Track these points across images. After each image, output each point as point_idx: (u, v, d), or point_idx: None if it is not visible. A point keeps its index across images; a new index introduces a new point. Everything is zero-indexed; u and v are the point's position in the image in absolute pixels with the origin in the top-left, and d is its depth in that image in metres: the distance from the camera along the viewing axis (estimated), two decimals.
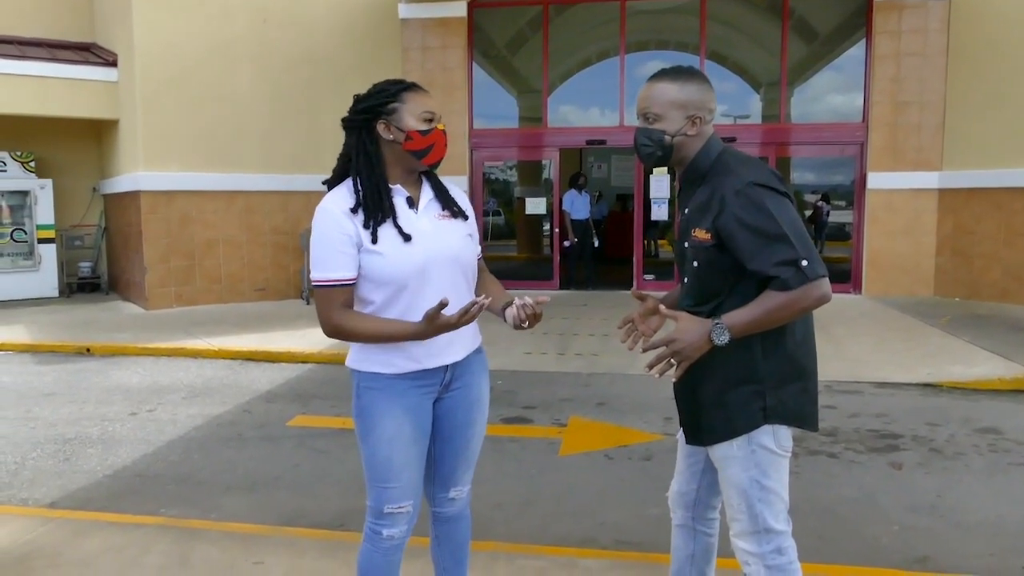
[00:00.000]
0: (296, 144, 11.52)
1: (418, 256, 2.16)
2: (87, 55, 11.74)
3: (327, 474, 4.57)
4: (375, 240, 2.12)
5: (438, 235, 2.23)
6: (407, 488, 2.27)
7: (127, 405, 6.17)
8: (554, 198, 12.51)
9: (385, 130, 2.20)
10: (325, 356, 7.66)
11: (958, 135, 10.65)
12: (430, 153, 2.22)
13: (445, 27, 11.67)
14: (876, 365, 7.00)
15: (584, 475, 4.49)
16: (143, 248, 10.75)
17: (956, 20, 10.64)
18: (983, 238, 10.43)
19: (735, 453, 2.20)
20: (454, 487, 2.43)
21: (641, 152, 2.25)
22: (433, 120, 2.21)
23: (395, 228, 2.15)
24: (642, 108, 2.22)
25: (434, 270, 2.19)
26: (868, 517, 3.86)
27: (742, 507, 2.21)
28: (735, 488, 2.22)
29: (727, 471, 2.23)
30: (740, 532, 2.23)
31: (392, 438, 2.22)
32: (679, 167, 2.29)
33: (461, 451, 2.39)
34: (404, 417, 2.23)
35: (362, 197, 2.16)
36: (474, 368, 2.38)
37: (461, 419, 2.36)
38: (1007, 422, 5.44)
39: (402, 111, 2.19)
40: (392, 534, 2.28)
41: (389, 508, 2.25)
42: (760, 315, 2.04)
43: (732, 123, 12.20)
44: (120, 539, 3.54)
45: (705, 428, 2.25)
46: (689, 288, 2.26)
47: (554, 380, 6.75)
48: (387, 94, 2.21)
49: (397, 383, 2.23)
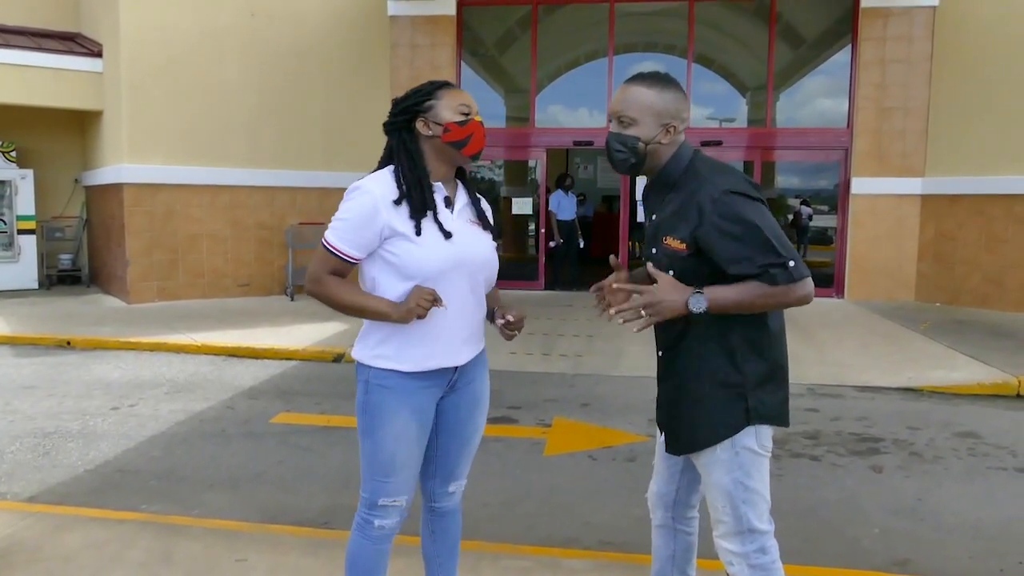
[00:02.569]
0: (283, 139, 11.47)
1: (455, 253, 2.23)
2: (72, 45, 11.63)
3: (311, 471, 4.55)
4: (419, 232, 2.18)
5: (472, 237, 2.31)
6: (404, 484, 2.31)
7: (108, 399, 6.12)
8: (540, 198, 12.52)
9: (424, 127, 2.26)
10: (309, 353, 7.62)
11: (942, 142, 10.76)
12: (469, 143, 2.27)
13: (434, 25, 11.65)
14: (858, 369, 7.06)
15: (568, 476, 4.50)
16: (125, 241, 10.65)
17: (941, 28, 10.75)
18: (964, 244, 10.54)
19: (719, 457, 2.21)
20: (454, 482, 2.48)
21: (614, 158, 2.23)
22: (470, 113, 2.26)
23: (436, 224, 2.21)
24: (616, 111, 2.19)
25: (464, 269, 2.26)
26: (850, 519, 3.89)
27: (727, 509, 2.22)
28: (720, 491, 2.22)
29: (711, 475, 2.23)
30: (724, 533, 2.24)
31: (399, 436, 2.26)
32: (648, 174, 2.27)
33: (463, 447, 2.45)
34: (412, 418, 2.27)
35: (407, 190, 2.21)
36: (477, 367, 2.44)
37: (464, 416, 2.41)
38: (986, 426, 5.50)
39: (438, 107, 2.25)
40: (384, 524, 2.32)
41: (384, 501, 2.30)
42: (741, 298, 2.05)
43: (718, 126, 12.26)
44: (101, 535, 3.51)
45: (686, 438, 2.26)
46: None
47: (539, 380, 6.75)
48: (423, 93, 2.28)
49: (408, 383, 2.26)
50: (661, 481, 2.48)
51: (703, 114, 12.19)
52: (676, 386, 2.26)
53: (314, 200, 11.54)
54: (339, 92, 11.58)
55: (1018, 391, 6.39)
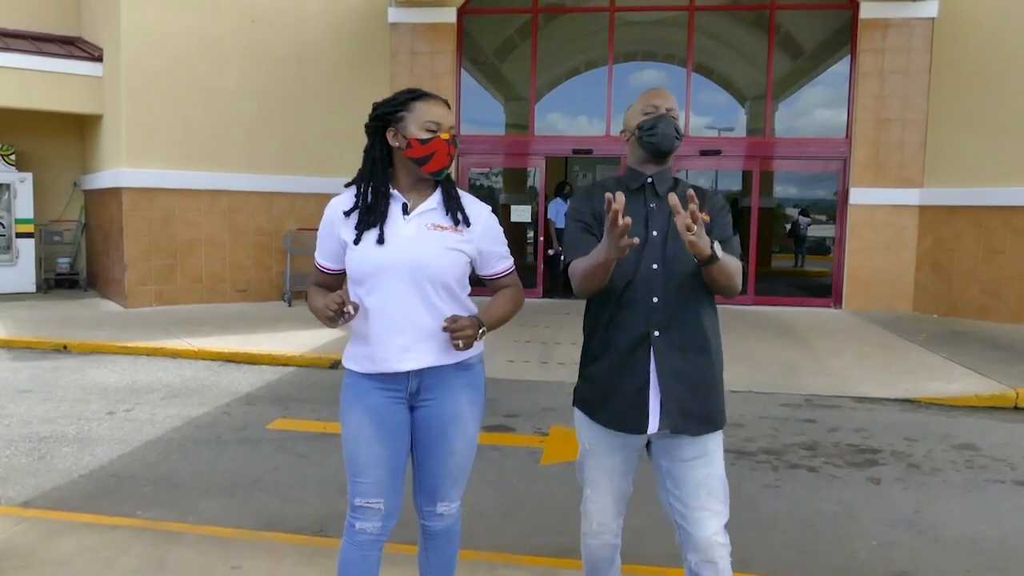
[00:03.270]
0: (282, 145, 11.47)
1: (380, 259, 2.27)
2: (72, 49, 11.63)
3: (307, 478, 4.53)
4: (357, 241, 2.29)
5: (415, 242, 2.27)
6: (375, 486, 2.32)
7: (104, 404, 6.10)
8: (539, 206, 12.52)
9: (393, 137, 2.30)
10: (306, 359, 7.61)
11: (940, 153, 10.78)
12: (430, 162, 2.28)
13: (434, 32, 11.67)
14: (856, 380, 7.06)
15: (565, 485, 4.48)
16: (124, 245, 10.64)
17: (939, 39, 10.79)
18: (962, 255, 10.55)
19: (719, 444, 2.29)
20: (440, 501, 2.43)
21: (668, 137, 2.32)
22: (437, 130, 2.25)
23: (378, 231, 2.28)
24: (667, 104, 2.36)
25: (392, 274, 2.27)
26: (847, 531, 3.88)
27: (723, 498, 2.26)
28: (719, 480, 2.26)
29: (713, 463, 2.26)
30: (719, 528, 2.26)
31: (355, 434, 2.34)
32: (654, 167, 2.38)
33: (440, 465, 2.39)
34: (364, 416, 2.33)
35: (359, 201, 2.32)
36: (451, 383, 2.35)
37: (435, 433, 2.36)
38: (984, 439, 5.50)
39: (408, 120, 2.27)
40: (364, 527, 2.33)
41: (359, 502, 2.33)
42: (729, 265, 2.15)
43: (717, 135, 12.27)
44: (95, 540, 3.49)
45: (715, 414, 2.29)
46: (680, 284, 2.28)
47: (536, 389, 6.74)
48: (397, 103, 2.31)
49: (360, 382, 2.36)
50: (616, 495, 2.41)
51: (702, 123, 12.21)
52: (695, 361, 2.25)
53: (313, 206, 11.53)
54: (339, 99, 11.58)
55: (1016, 403, 6.39)
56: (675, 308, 2.24)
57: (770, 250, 15.98)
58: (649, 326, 2.25)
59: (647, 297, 2.24)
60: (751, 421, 5.80)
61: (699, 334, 2.26)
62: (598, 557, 2.50)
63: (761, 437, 5.43)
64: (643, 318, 2.24)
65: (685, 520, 2.27)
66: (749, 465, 4.86)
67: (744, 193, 13.16)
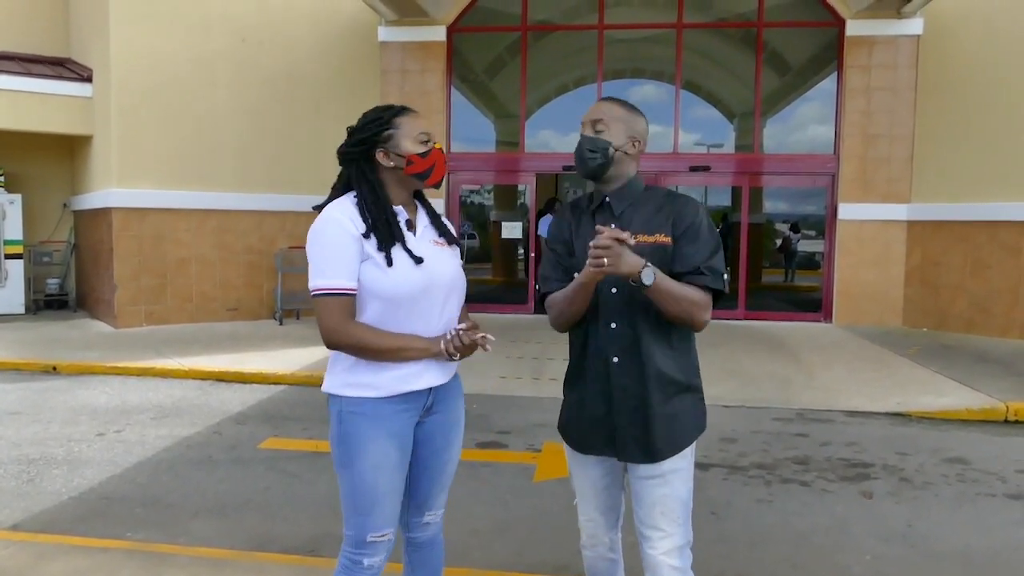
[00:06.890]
0: (272, 164, 11.47)
1: (424, 277, 2.20)
2: (61, 70, 11.64)
3: (298, 498, 4.51)
4: (390, 263, 2.15)
5: (439, 259, 2.28)
6: (390, 515, 2.25)
7: (94, 425, 6.06)
8: (530, 223, 12.57)
9: (384, 158, 2.23)
10: (297, 378, 7.58)
11: (926, 169, 10.88)
12: (432, 174, 2.27)
13: (424, 51, 11.74)
14: (847, 394, 7.08)
15: (558, 501, 4.47)
16: (113, 265, 10.60)
17: (925, 56, 10.91)
18: (950, 270, 10.63)
19: (681, 465, 2.26)
20: (429, 511, 2.42)
21: (584, 158, 2.25)
22: (429, 140, 2.24)
23: (405, 251, 2.19)
24: (591, 117, 2.27)
25: (433, 292, 2.23)
26: (840, 546, 3.88)
27: (679, 521, 2.24)
28: (677, 502, 2.25)
29: (672, 485, 2.24)
30: (670, 549, 2.23)
31: (378, 465, 2.20)
32: (608, 184, 2.29)
33: (438, 476, 2.39)
34: (389, 443, 2.21)
35: (372, 223, 2.18)
36: (452, 391, 2.40)
37: (440, 443, 2.36)
38: (975, 452, 5.52)
39: (398, 137, 2.22)
40: (372, 563, 2.24)
41: (372, 537, 2.22)
42: (674, 291, 2.11)
43: (706, 152, 12.35)
44: (85, 563, 3.46)
45: (659, 443, 2.23)
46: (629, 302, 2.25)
47: (529, 405, 6.73)
48: (381, 122, 2.23)
49: (383, 407, 2.21)
50: (603, 508, 2.43)
51: (691, 140, 12.29)
52: (642, 395, 2.23)
53: (303, 224, 11.36)
54: (329, 117, 11.59)
55: (1006, 416, 6.42)
56: (635, 333, 2.22)
57: (760, 265, 16.05)
58: (608, 352, 2.26)
59: (608, 322, 2.25)
60: (743, 436, 5.81)
61: (657, 360, 2.21)
62: (596, 568, 2.50)
63: (753, 452, 5.44)
64: (606, 343, 2.26)
65: (641, 537, 2.28)
66: (742, 480, 4.86)
67: (733, 209, 13.24)
